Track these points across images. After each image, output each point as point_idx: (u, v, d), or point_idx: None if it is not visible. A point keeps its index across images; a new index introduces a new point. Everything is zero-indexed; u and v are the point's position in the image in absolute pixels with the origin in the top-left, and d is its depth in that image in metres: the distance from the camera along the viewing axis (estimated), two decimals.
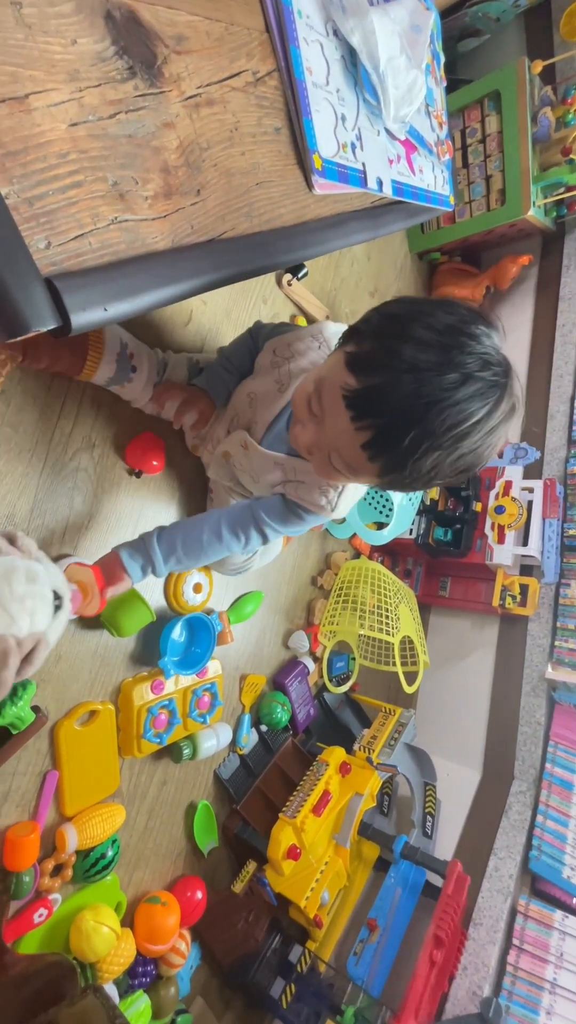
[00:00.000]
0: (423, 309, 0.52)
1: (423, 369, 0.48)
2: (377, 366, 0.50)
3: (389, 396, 0.49)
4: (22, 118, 0.36)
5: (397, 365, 0.49)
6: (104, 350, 0.75)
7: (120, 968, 0.86)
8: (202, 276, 0.49)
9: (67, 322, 0.38)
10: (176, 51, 0.46)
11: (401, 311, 0.53)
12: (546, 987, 1.16)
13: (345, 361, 0.53)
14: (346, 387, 0.52)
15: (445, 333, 0.49)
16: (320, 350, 0.72)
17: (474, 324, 0.51)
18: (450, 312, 0.51)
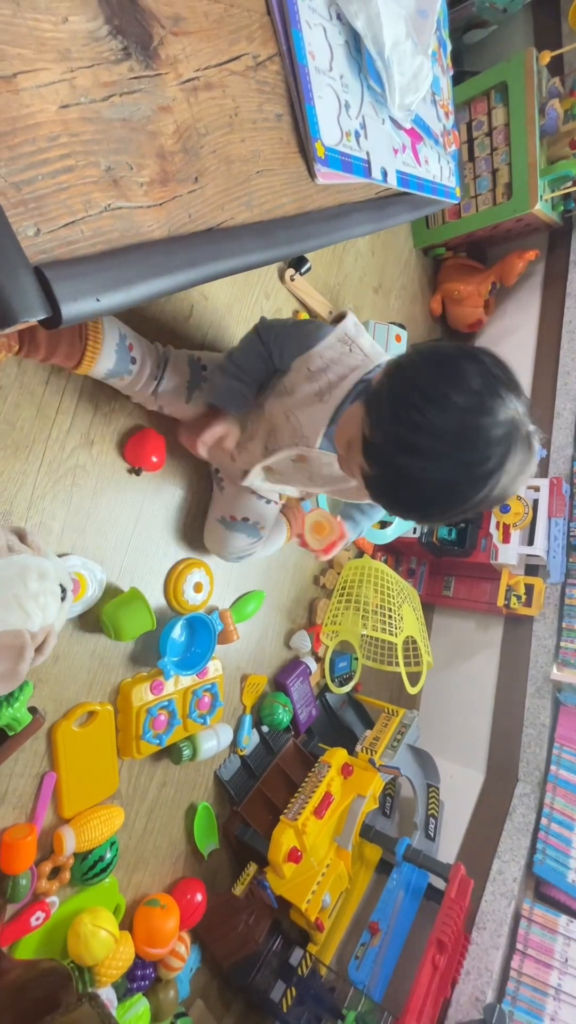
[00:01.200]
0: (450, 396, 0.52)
1: (436, 482, 0.54)
2: (387, 462, 0.56)
3: (401, 496, 0.58)
4: (9, 98, 0.34)
5: (408, 483, 0.56)
6: (103, 341, 0.73)
7: (118, 972, 0.85)
8: (200, 267, 0.48)
9: (57, 313, 0.36)
10: (173, 32, 0.45)
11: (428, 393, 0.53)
12: (550, 993, 1.14)
13: (363, 448, 0.58)
14: (364, 471, 0.59)
15: (461, 435, 0.52)
16: (352, 352, 0.72)
17: (482, 413, 0.51)
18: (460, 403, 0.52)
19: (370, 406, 0.59)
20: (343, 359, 0.71)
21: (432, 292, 1.83)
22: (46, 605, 0.66)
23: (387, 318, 1.61)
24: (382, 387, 0.58)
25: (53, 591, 0.68)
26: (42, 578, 0.66)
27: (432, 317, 1.84)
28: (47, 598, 0.66)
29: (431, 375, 0.55)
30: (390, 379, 0.58)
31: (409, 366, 0.58)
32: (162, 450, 0.92)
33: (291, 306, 1.22)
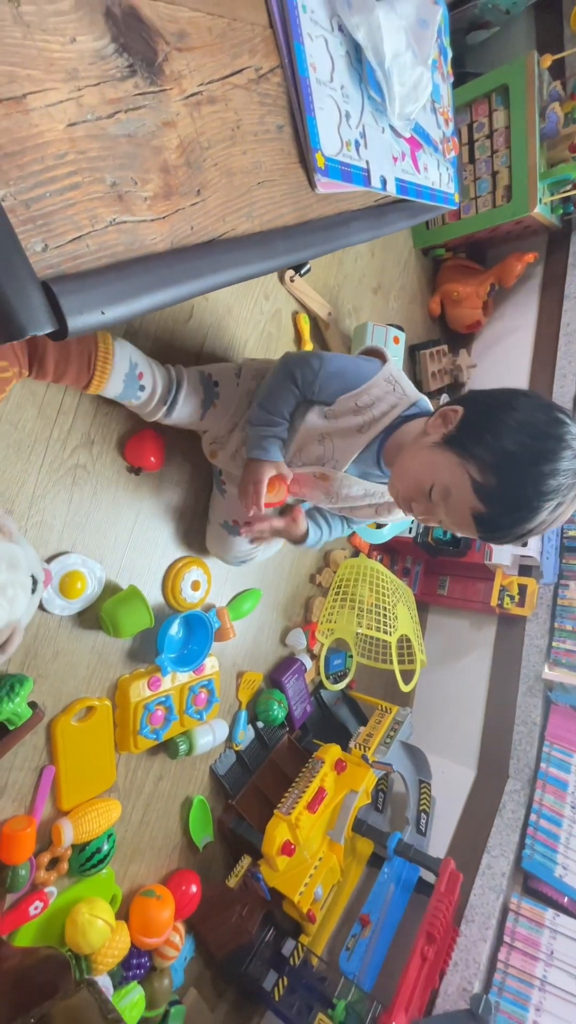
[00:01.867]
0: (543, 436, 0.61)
1: (536, 506, 0.61)
2: (500, 503, 0.63)
3: (509, 522, 0.63)
4: (19, 119, 0.35)
5: (516, 504, 0.62)
6: (111, 369, 0.74)
7: (114, 960, 0.87)
8: (202, 278, 0.49)
9: (64, 326, 0.38)
10: (177, 48, 0.46)
11: (526, 435, 0.62)
12: (536, 984, 1.17)
13: (472, 486, 0.64)
14: (476, 511, 0.64)
15: (563, 474, 0.60)
16: (395, 391, 0.77)
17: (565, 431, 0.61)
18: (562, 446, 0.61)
19: (471, 445, 0.64)
20: (387, 397, 0.76)
21: (431, 293, 1.84)
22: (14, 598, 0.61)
23: (386, 319, 1.62)
24: (493, 436, 0.63)
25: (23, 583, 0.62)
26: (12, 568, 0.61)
27: (431, 318, 1.85)
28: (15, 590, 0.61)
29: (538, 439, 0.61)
30: (491, 421, 0.64)
31: (508, 418, 0.63)
32: (161, 450, 0.93)
33: (291, 307, 1.23)
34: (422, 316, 1.82)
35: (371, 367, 0.77)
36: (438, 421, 0.69)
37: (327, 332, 1.34)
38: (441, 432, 0.68)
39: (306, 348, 1.26)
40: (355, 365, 0.78)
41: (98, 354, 0.73)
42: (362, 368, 0.77)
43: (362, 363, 0.79)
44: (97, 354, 0.73)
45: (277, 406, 0.80)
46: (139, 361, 0.78)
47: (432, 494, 0.68)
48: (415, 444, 0.72)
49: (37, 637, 0.82)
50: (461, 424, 0.67)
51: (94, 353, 0.73)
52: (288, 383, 0.79)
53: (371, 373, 0.76)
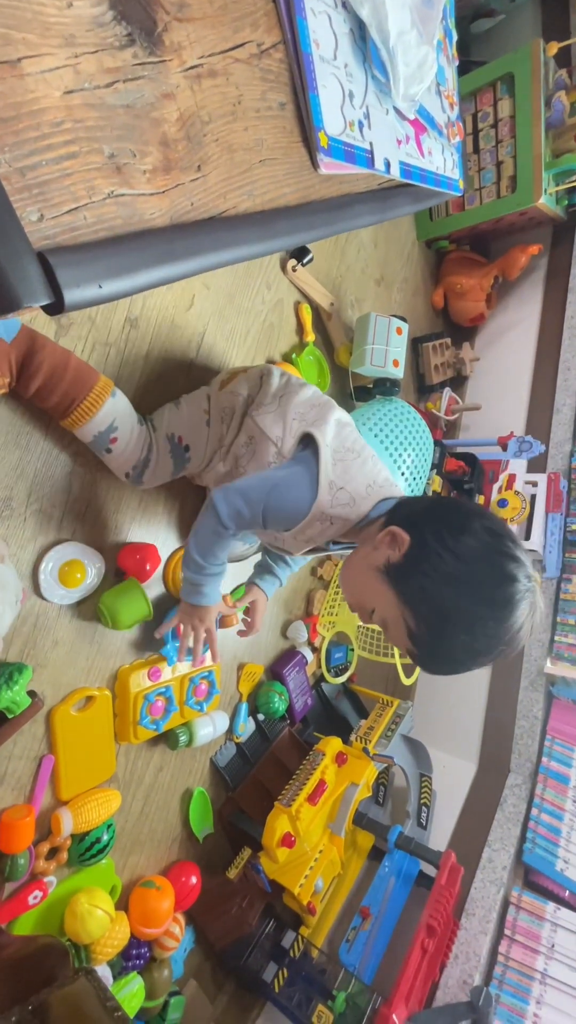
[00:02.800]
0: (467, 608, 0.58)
1: (470, 657, 0.60)
2: (435, 658, 0.62)
3: (447, 669, 0.63)
4: (14, 83, 0.34)
5: (454, 667, 0.61)
6: (88, 422, 0.74)
7: (114, 950, 0.86)
8: (202, 255, 0.48)
9: (60, 298, 0.37)
10: (177, 18, 0.45)
11: (455, 602, 0.58)
12: (536, 977, 1.17)
13: (407, 632, 0.61)
14: (411, 651, 0.63)
15: (500, 637, 0.57)
16: (333, 525, 0.70)
17: (514, 591, 0.56)
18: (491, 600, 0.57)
19: (411, 603, 0.61)
20: (326, 531, 0.70)
21: (434, 285, 1.83)
22: (2, 615, 0.65)
23: (389, 311, 1.60)
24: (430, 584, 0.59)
25: (10, 601, 0.67)
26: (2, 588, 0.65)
27: (434, 310, 1.84)
28: (4, 607, 0.65)
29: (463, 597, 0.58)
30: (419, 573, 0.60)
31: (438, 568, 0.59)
32: (156, 559, 0.94)
33: (293, 297, 1.22)
34: (425, 308, 1.81)
35: (302, 504, 0.68)
36: (385, 539, 0.63)
37: (329, 323, 1.33)
38: (385, 555, 0.63)
39: (307, 338, 1.25)
40: (287, 507, 0.69)
41: (84, 404, 0.73)
42: (294, 509, 0.68)
43: (294, 499, 0.68)
44: (83, 403, 0.72)
45: (214, 553, 0.75)
46: (120, 426, 0.77)
47: (373, 618, 0.66)
48: (360, 557, 0.67)
49: (36, 626, 0.81)
50: (405, 557, 0.61)
51: (80, 401, 0.72)
52: (222, 531, 0.72)
53: (302, 515, 0.68)
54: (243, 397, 0.82)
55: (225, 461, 0.84)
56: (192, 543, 0.76)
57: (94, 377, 0.74)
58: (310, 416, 0.75)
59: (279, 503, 0.69)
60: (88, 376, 0.74)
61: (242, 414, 0.82)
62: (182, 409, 0.86)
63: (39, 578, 0.80)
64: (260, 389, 0.82)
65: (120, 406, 0.77)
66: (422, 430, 1.38)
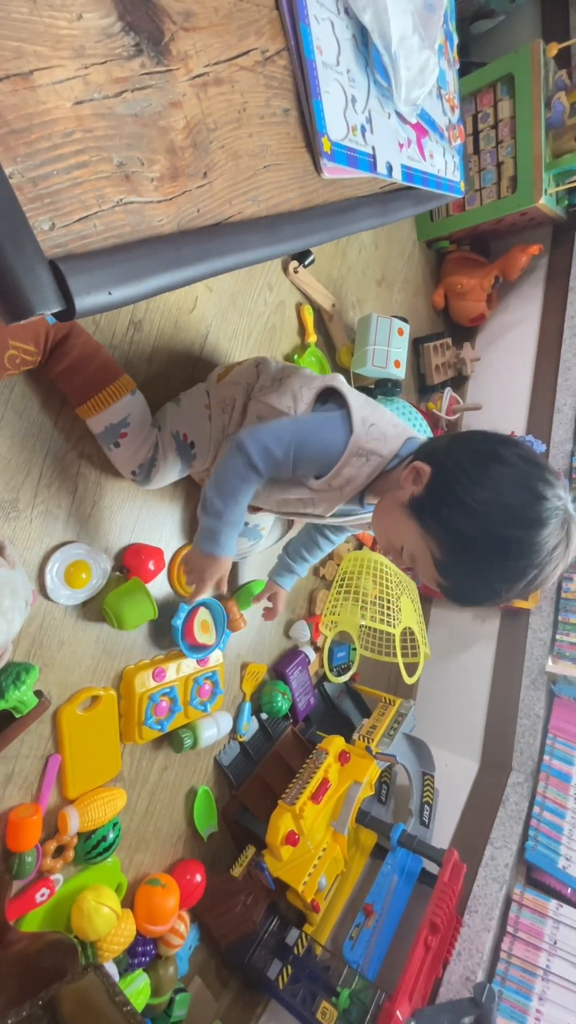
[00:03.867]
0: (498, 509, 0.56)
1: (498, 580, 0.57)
2: (460, 577, 0.61)
3: (478, 599, 0.62)
4: (26, 95, 0.35)
5: (484, 594, 0.60)
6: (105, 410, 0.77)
7: (120, 947, 0.87)
8: (209, 261, 0.49)
9: (71, 305, 0.37)
10: (184, 28, 0.45)
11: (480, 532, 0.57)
12: (539, 973, 1.17)
13: (434, 562, 0.61)
14: (439, 583, 0.62)
15: (515, 551, 0.56)
16: (369, 461, 0.69)
17: (542, 508, 0.55)
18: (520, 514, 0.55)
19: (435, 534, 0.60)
20: (361, 470, 0.69)
21: (435, 285, 1.84)
22: (12, 620, 0.67)
23: (390, 311, 1.61)
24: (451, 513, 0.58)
25: (20, 608, 0.69)
26: (13, 595, 0.67)
27: (435, 311, 1.85)
28: (14, 613, 0.67)
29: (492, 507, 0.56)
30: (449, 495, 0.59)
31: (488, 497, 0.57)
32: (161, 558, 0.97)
33: (295, 298, 1.23)
34: (426, 309, 1.81)
35: (337, 443, 0.68)
36: (409, 476, 0.64)
37: (331, 324, 1.34)
38: (410, 491, 0.63)
39: (309, 340, 1.26)
40: (321, 446, 0.69)
41: (103, 394, 0.76)
42: (328, 447, 0.69)
43: (327, 439, 0.69)
44: (103, 392, 0.76)
45: (236, 498, 0.71)
46: (133, 422, 0.79)
47: (403, 555, 0.66)
48: (389, 498, 0.67)
49: (43, 627, 0.82)
50: (427, 489, 0.61)
51: (100, 388, 0.76)
52: (249, 473, 0.70)
53: (338, 453, 0.68)
54: (243, 386, 0.83)
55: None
56: (212, 487, 0.72)
57: (119, 372, 0.79)
58: (317, 382, 0.77)
59: (313, 443, 0.68)
60: (114, 370, 0.78)
61: (244, 402, 0.83)
62: (183, 406, 0.86)
63: (45, 579, 0.81)
64: (258, 377, 0.83)
65: (138, 404, 0.80)
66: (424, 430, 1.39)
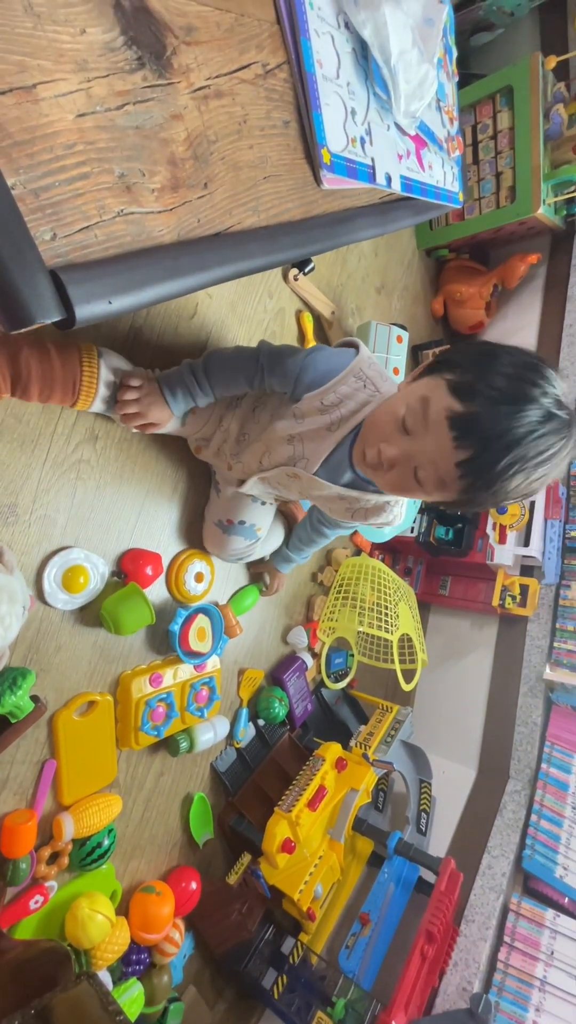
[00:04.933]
0: (505, 349, 0.60)
1: (516, 402, 0.55)
2: (478, 394, 0.56)
3: (490, 423, 0.55)
4: (29, 108, 0.36)
5: (496, 396, 0.55)
6: (95, 392, 0.75)
7: (114, 956, 0.87)
8: (208, 271, 0.49)
9: (71, 314, 0.38)
10: (185, 42, 0.46)
11: (488, 348, 0.60)
12: (536, 984, 1.17)
13: (448, 387, 0.58)
14: (451, 411, 0.57)
15: (528, 368, 0.57)
16: (366, 388, 0.71)
17: (544, 367, 0.58)
18: (526, 354, 0.59)
19: (446, 365, 0.60)
20: (356, 394, 0.71)
21: (434, 293, 1.85)
22: (10, 626, 0.67)
23: (389, 318, 1.62)
24: (458, 350, 0.63)
25: (18, 613, 0.69)
26: (12, 601, 0.67)
27: (434, 318, 1.86)
28: (11, 619, 0.68)
29: (500, 345, 0.60)
30: (462, 345, 0.65)
31: (478, 342, 0.62)
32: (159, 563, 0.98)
33: (294, 305, 1.24)
34: (425, 316, 1.82)
35: (341, 364, 0.71)
36: (417, 373, 0.65)
37: (330, 331, 1.34)
38: (415, 374, 0.65)
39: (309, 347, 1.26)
40: (327, 363, 0.72)
41: (83, 379, 0.74)
42: (332, 365, 0.71)
43: (334, 361, 0.72)
44: (82, 379, 0.73)
45: (219, 375, 0.78)
46: (124, 367, 0.79)
47: (406, 423, 0.61)
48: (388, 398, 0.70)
49: (40, 631, 0.82)
50: (436, 358, 0.64)
51: (79, 378, 0.73)
52: (252, 363, 0.75)
53: (341, 366, 0.70)
54: None
55: (238, 411, 0.86)
56: (207, 360, 0.78)
57: (77, 349, 0.74)
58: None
59: (321, 360, 0.72)
60: (72, 350, 0.73)
61: None
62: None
63: (43, 583, 0.81)
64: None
65: (111, 357, 0.78)
66: None
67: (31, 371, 0.68)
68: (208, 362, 0.79)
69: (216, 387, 0.80)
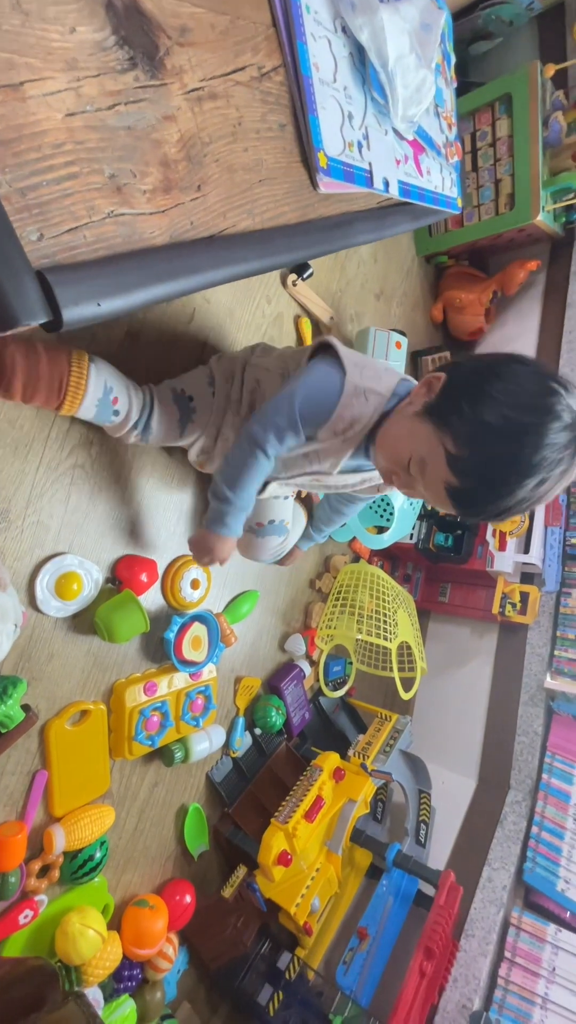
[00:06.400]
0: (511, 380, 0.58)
1: (510, 481, 0.57)
2: (474, 474, 0.59)
3: (484, 500, 0.59)
4: (16, 106, 0.35)
5: (492, 479, 0.58)
6: (83, 395, 0.72)
7: (106, 972, 0.85)
8: (201, 273, 0.48)
9: (58, 316, 0.37)
10: (179, 43, 0.46)
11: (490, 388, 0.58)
12: (537, 1002, 1.14)
13: (446, 460, 0.60)
14: (448, 484, 0.61)
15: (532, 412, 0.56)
16: (368, 401, 0.71)
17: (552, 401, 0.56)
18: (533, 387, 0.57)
19: (445, 417, 0.61)
20: (363, 411, 0.70)
21: (434, 299, 1.84)
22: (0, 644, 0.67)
23: (388, 325, 1.61)
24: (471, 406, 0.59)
25: (9, 631, 0.68)
26: (2, 618, 0.66)
27: (433, 325, 1.85)
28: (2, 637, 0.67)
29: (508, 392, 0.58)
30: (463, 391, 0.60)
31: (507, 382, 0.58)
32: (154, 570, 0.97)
33: (292, 311, 1.23)
34: (424, 323, 1.82)
35: (332, 386, 0.69)
36: (422, 390, 0.66)
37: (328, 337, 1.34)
38: (423, 401, 0.65)
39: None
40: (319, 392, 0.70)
41: (70, 379, 0.70)
42: (326, 391, 0.70)
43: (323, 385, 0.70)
44: (69, 379, 0.70)
45: (245, 485, 0.75)
46: (114, 385, 0.75)
47: (410, 466, 0.65)
48: (398, 414, 0.69)
49: (32, 639, 0.81)
50: (442, 391, 0.63)
51: (66, 378, 0.70)
52: (259, 457, 0.73)
53: (335, 394, 0.69)
54: (240, 358, 0.86)
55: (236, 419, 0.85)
56: (222, 475, 0.76)
57: (65, 351, 0.71)
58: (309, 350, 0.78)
59: (311, 393, 0.70)
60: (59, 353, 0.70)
61: (242, 367, 0.85)
62: (183, 375, 0.87)
63: (35, 590, 0.80)
64: (253, 351, 0.87)
65: (103, 368, 0.75)
66: None
67: (15, 367, 0.65)
68: (226, 485, 0.76)
69: (251, 493, 0.78)
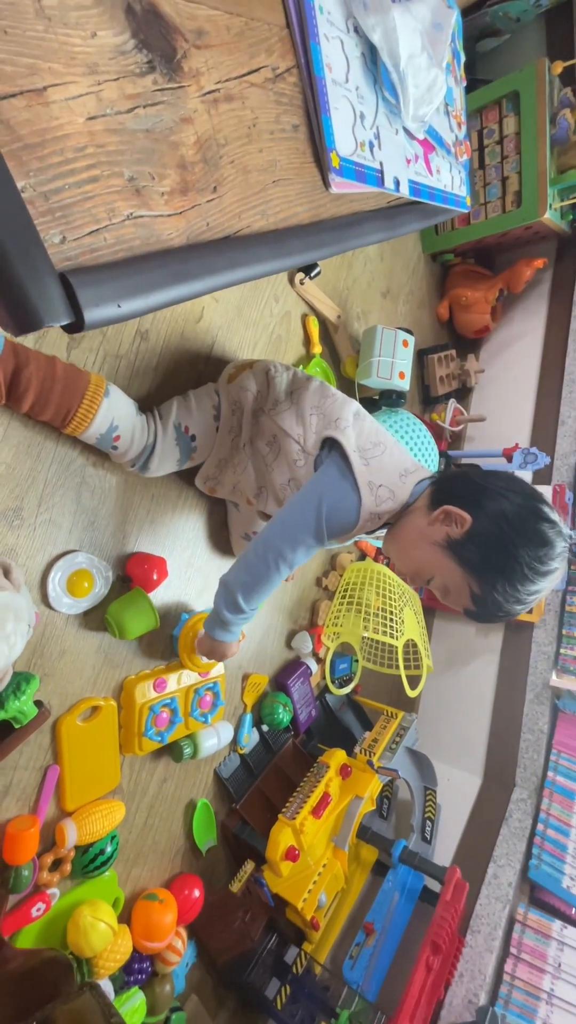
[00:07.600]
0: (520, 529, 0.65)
1: (523, 600, 0.66)
2: (490, 612, 0.68)
3: (503, 619, 0.70)
4: (40, 111, 0.35)
5: (505, 612, 0.67)
6: (88, 426, 0.74)
7: (116, 964, 0.86)
8: (217, 274, 0.49)
9: (80, 318, 0.38)
10: (196, 45, 0.46)
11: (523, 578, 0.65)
12: (543, 997, 1.15)
13: (471, 596, 0.67)
14: (469, 610, 0.69)
15: (540, 547, 0.64)
16: (381, 518, 0.74)
17: (554, 540, 0.64)
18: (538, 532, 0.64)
19: (480, 575, 0.66)
20: (378, 521, 0.73)
21: (440, 298, 1.84)
22: (14, 644, 0.67)
23: (395, 323, 1.62)
24: (500, 564, 0.65)
25: (23, 632, 0.69)
26: (17, 619, 0.67)
27: (439, 322, 1.85)
28: (16, 637, 0.67)
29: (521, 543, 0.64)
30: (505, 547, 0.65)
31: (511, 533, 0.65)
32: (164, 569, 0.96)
33: (300, 309, 1.23)
34: (431, 321, 1.82)
35: (350, 511, 0.71)
36: (441, 517, 0.68)
37: (336, 335, 1.34)
38: (444, 533, 0.68)
39: (314, 350, 1.26)
40: (340, 512, 0.72)
41: (79, 411, 0.72)
42: (346, 514, 0.72)
43: (343, 508, 0.71)
44: (78, 411, 0.72)
45: (262, 597, 0.77)
46: (120, 424, 0.77)
47: (431, 584, 0.72)
48: (417, 533, 0.71)
49: (44, 635, 0.82)
50: (469, 537, 0.66)
51: (74, 410, 0.72)
52: (283, 572, 0.74)
53: (353, 520, 0.72)
54: (252, 393, 0.84)
55: (251, 464, 0.86)
56: (241, 587, 0.76)
57: (84, 380, 0.72)
58: (326, 408, 0.78)
59: (333, 517, 0.72)
60: (78, 381, 0.72)
61: (252, 411, 0.84)
62: (190, 403, 0.86)
63: (47, 588, 0.80)
64: (268, 387, 0.84)
65: (116, 404, 0.76)
66: (427, 441, 1.39)
67: (30, 386, 0.68)
68: (244, 599, 0.76)
69: (258, 604, 0.79)
